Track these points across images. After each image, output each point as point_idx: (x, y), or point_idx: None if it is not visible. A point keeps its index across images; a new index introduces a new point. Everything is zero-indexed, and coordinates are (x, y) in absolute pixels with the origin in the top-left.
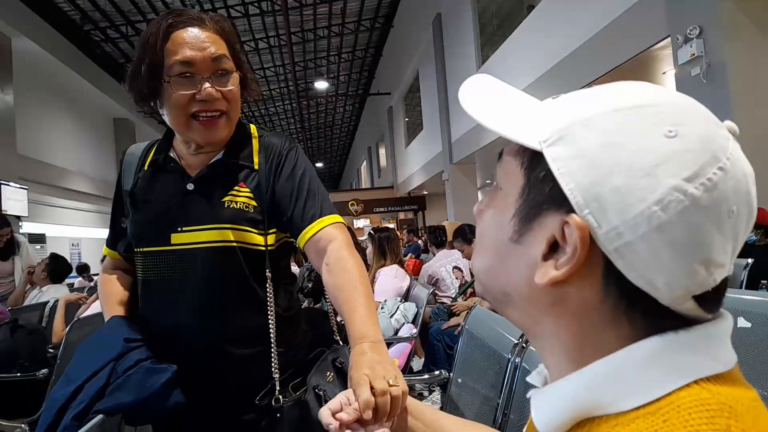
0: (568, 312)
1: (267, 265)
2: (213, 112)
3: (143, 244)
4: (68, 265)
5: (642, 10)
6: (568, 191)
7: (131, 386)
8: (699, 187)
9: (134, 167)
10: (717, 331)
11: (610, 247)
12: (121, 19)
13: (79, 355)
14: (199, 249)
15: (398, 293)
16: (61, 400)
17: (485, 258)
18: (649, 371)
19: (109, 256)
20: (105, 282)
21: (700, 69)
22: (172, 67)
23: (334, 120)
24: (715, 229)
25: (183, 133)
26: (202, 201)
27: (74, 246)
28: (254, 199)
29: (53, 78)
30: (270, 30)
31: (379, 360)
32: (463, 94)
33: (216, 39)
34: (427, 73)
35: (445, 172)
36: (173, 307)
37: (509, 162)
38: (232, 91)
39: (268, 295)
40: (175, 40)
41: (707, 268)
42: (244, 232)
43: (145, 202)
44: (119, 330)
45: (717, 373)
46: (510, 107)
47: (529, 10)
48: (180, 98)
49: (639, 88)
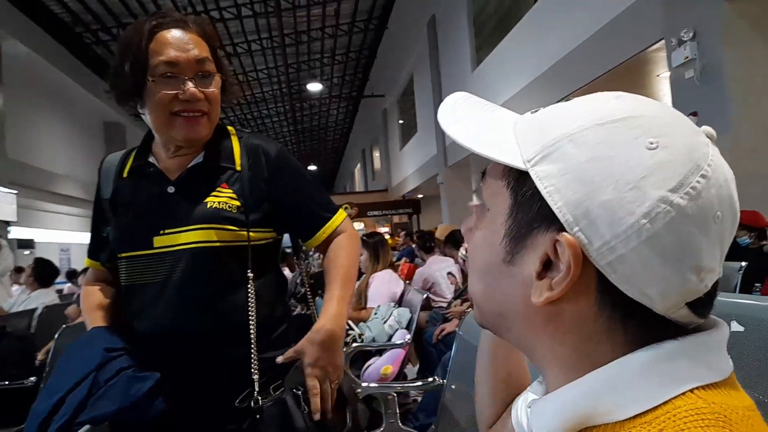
0: (564, 327)
1: (249, 265)
2: (195, 112)
3: (126, 249)
4: (55, 268)
5: (636, 12)
6: (557, 209)
7: (114, 395)
8: (684, 197)
9: (112, 175)
10: (712, 340)
11: (603, 262)
12: (113, 21)
13: (60, 366)
14: (182, 250)
15: (392, 298)
16: (43, 413)
17: (480, 281)
18: (645, 380)
19: (91, 268)
20: (87, 294)
21: (695, 71)
22: (157, 67)
23: (328, 122)
24: (703, 236)
25: (164, 131)
26: (183, 203)
27: (64, 251)
28: (237, 199)
29: (43, 81)
30: (263, 32)
31: (319, 355)
32: (443, 115)
33: (199, 41)
34: (422, 76)
35: (440, 175)
36: (157, 311)
37: (494, 182)
38: (213, 93)
39: (249, 297)
40: (159, 41)
41: (698, 275)
42: (228, 231)
43: (125, 208)
44: (99, 340)
45: (713, 382)
46: (490, 126)
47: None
48: (164, 97)
49: (618, 100)
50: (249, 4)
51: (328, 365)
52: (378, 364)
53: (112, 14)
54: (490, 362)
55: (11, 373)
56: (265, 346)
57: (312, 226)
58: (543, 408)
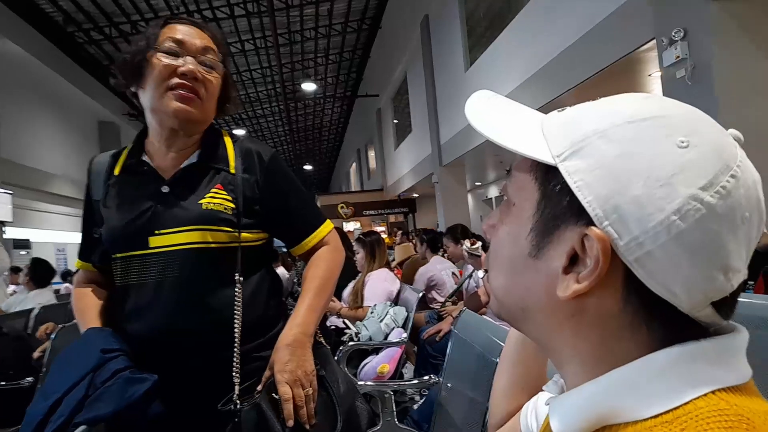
0: (587, 322)
1: (237, 268)
2: (190, 91)
3: (120, 250)
4: (51, 268)
5: (627, 12)
6: (587, 204)
7: (110, 397)
8: (714, 195)
9: (102, 175)
10: (734, 343)
11: (631, 258)
12: (105, 20)
13: (56, 369)
14: (178, 251)
15: (388, 297)
16: (39, 415)
17: (502, 275)
18: (667, 380)
19: (82, 269)
20: (80, 297)
21: (686, 71)
22: (163, 43)
23: (323, 122)
24: (731, 236)
25: (158, 108)
26: (178, 203)
27: (60, 251)
28: (232, 201)
29: (37, 81)
30: (256, 31)
31: (288, 359)
32: (471, 111)
33: (208, 40)
34: (416, 75)
35: (435, 174)
36: (153, 311)
37: (521, 177)
38: (211, 83)
39: (237, 299)
40: (171, 27)
41: (725, 274)
42: (223, 232)
43: (119, 207)
44: (95, 341)
45: (734, 385)
46: (517, 122)
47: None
48: (163, 69)
49: (647, 100)
50: (242, 4)
51: (296, 369)
52: (374, 362)
53: (104, 14)
54: (513, 356)
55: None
56: (259, 345)
57: (298, 234)
58: (562, 404)
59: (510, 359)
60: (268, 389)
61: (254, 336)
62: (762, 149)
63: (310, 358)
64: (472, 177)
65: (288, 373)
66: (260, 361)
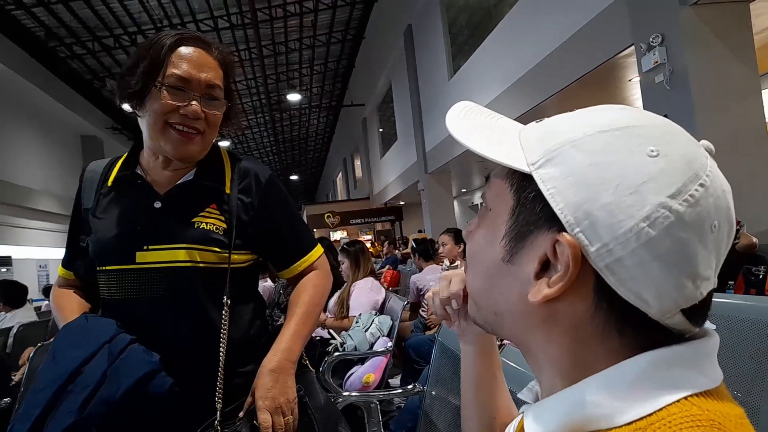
0: (560, 328)
1: (226, 290)
2: (191, 129)
3: (107, 263)
4: (22, 287)
5: (606, 19)
6: (559, 210)
7: (132, 363)
8: (683, 203)
9: (95, 184)
10: (705, 347)
11: (601, 264)
12: (87, 35)
13: (61, 347)
14: (165, 268)
15: (374, 306)
16: (58, 381)
17: (477, 279)
18: (640, 386)
19: (63, 277)
20: (62, 294)
21: (664, 76)
22: (169, 77)
23: (308, 132)
24: (700, 244)
25: (156, 140)
26: (170, 220)
27: (42, 267)
28: (225, 221)
29: (18, 96)
30: (240, 43)
31: (271, 386)
32: (451, 121)
33: (215, 66)
34: (400, 84)
35: (421, 182)
36: (134, 328)
37: (498, 184)
38: (215, 116)
39: (223, 321)
40: (179, 54)
41: (694, 282)
42: (212, 253)
43: (108, 219)
44: (99, 319)
45: (706, 390)
46: (496, 132)
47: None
48: (165, 105)
49: (621, 111)
50: (226, 16)
51: (279, 396)
52: (360, 372)
53: (86, 28)
54: (473, 391)
55: None
56: (242, 362)
57: (288, 258)
58: (537, 412)
59: (472, 394)
60: (249, 416)
61: (238, 355)
62: (736, 151)
63: (293, 384)
64: (457, 184)
65: (269, 399)
66: (242, 377)
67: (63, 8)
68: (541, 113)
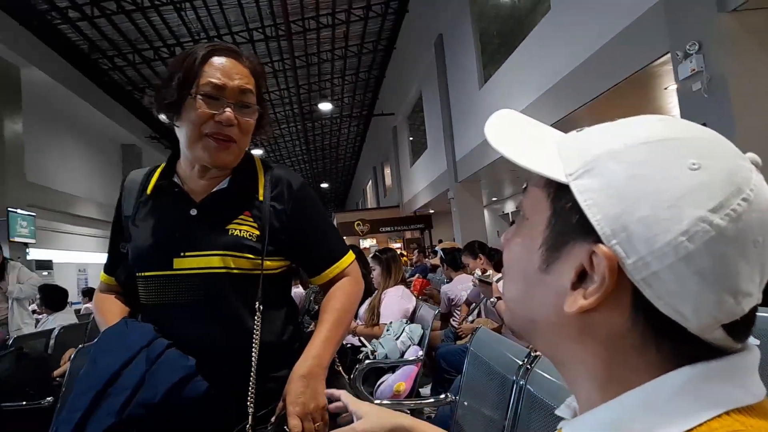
0: (596, 340)
1: (259, 296)
2: (225, 137)
3: (145, 269)
4: (63, 291)
5: (641, 26)
6: (595, 222)
7: (167, 368)
8: (724, 218)
9: (135, 192)
10: (746, 362)
11: (638, 277)
12: (128, 47)
13: (101, 351)
14: (200, 274)
15: (404, 314)
16: (96, 386)
17: (514, 287)
18: (681, 401)
19: (105, 282)
20: (103, 299)
21: (702, 84)
22: (203, 86)
23: (339, 141)
24: (742, 260)
25: (193, 148)
26: (205, 227)
27: (81, 272)
28: (258, 228)
29: (62, 106)
30: (274, 54)
31: (302, 391)
32: (489, 130)
33: (247, 74)
34: (430, 93)
35: (451, 191)
36: (170, 332)
37: (535, 193)
38: (248, 123)
39: (255, 327)
40: (212, 64)
41: (735, 297)
42: (246, 259)
43: (147, 226)
44: (137, 324)
45: (748, 405)
46: (535, 141)
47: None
48: (201, 114)
49: (663, 122)
50: (260, 29)
51: (309, 402)
52: (391, 381)
53: (127, 40)
54: None
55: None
56: (275, 366)
57: (320, 264)
58: (576, 428)
59: None
60: (280, 422)
61: (270, 360)
62: None
63: (323, 391)
64: (488, 192)
65: (300, 405)
66: (274, 382)
67: (106, 22)
68: (572, 123)
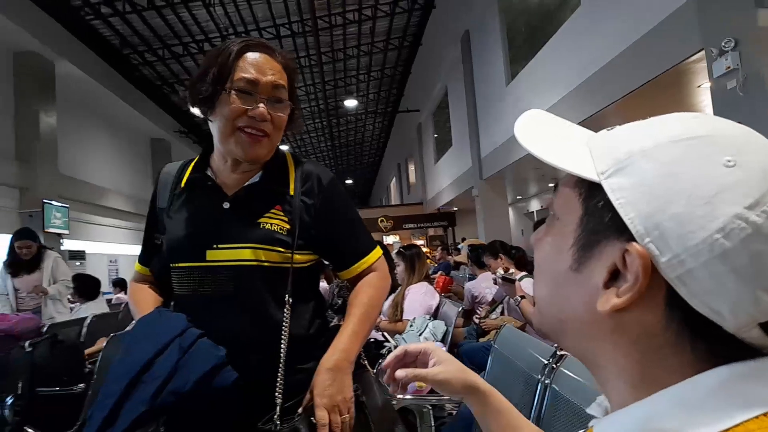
0: (629, 339)
1: (288, 288)
2: (258, 131)
3: (179, 260)
4: (96, 281)
5: (674, 23)
6: (629, 220)
7: (200, 357)
8: (761, 215)
9: (170, 185)
10: None
11: (672, 275)
12: (159, 43)
13: (134, 340)
14: (232, 266)
15: (427, 311)
16: (129, 374)
17: (545, 287)
18: (716, 401)
19: (140, 272)
20: (138, 289)
21: (737, 82)
22: (237, 81)
23: (364, 137)
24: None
25: (226, 143)
26: (237, 220)
27: (112, 262)
28: (288, 222)
29: (94, 100)
30: (301, 50)
31: (329, 384)
32: (519, 129)
33: (280, 70)
34: (456, 90)
35: (475, 188)
36: (202, 323)
37: (567, 192)
38: (281, 118)
39: (284, 319)
40: (246, 59)
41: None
42: (276, 252)
43: (181, 218)
44: (171, 314)
45: None
46: (565, 140)
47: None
48: (235, 109)
49: (697, 120)
50: (287, 24)
51: (336, 394)
52: None
53: (158, 37)
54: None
55: (62, 380)
56: (303, 358)
57: (348, 259)
58: (607, 428)
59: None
60: (307, 412)
61: (299, 352)
62: None
63: (350, 384)
64: (513, 190)
65: (327, 398)
66: (302, 374)
67: (137, 18)
68: (602, 120)
